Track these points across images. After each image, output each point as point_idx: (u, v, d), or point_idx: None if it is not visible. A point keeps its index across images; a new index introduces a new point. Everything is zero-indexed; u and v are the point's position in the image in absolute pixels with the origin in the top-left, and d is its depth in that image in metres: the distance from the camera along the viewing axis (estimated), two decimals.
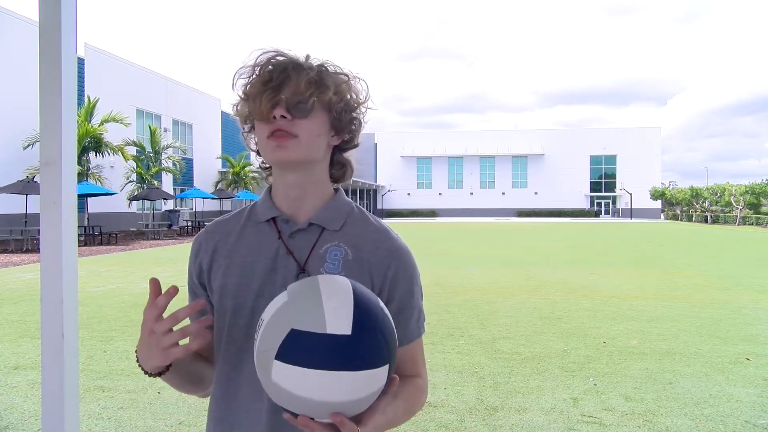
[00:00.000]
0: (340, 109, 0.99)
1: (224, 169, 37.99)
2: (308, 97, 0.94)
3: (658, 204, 58.89)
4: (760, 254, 16.44)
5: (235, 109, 1.02)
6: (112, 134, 23.91)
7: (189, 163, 33.95)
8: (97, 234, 20.96)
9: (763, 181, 44.41)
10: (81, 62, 25.52)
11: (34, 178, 18.89)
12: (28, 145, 21.59)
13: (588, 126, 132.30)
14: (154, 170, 27.32)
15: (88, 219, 22.01)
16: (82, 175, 22.30)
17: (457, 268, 12.27)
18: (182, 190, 33.50)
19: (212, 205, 35.55)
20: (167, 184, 31.98)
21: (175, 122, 34.79)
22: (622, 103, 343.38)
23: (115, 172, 26.55)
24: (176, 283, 0.89)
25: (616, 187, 60.72)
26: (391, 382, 0.82)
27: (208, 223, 1.13)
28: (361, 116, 1.04)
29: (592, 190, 61.72)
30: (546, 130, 64.60)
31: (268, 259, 1.01)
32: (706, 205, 48.40)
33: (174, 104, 34.32)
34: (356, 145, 1.08)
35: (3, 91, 21.82)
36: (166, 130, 32.69)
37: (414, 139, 65.29)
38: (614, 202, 61.35)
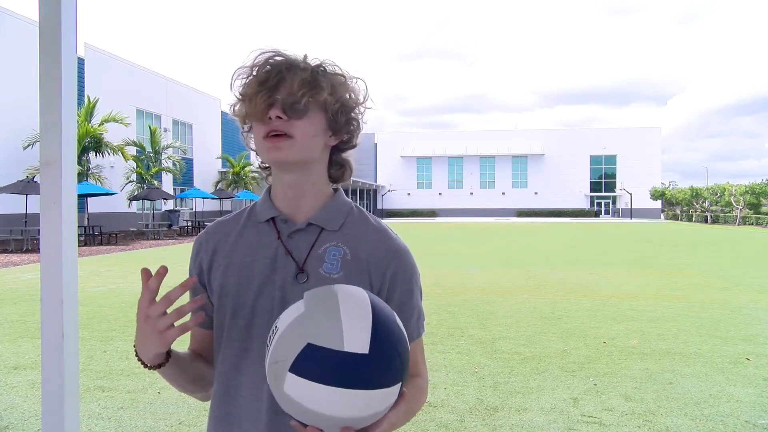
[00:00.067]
0: (336, 110, 0.99)
1: (224, 169, 38.00)
2: (301, 97, 0.94)
3: (658, 204, 58.89)
4: (760, 254, 16.44)
5: (233, 109, 1.02)
6: (112, 134, 23.91)
7: (189, 163, 33.95)
8: (97, 234, 20.96)
9: (763, 181, 44.47)
10: (81, 62, 25.53)
11: (34, 178, 18.89)
12: (28, 145, 21.59)
13: (588, 126, 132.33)
14: (154, 170, 27.33)
15: (88, 219, 22.01)
16: (82, 175, 22.30)
17: (457, 268, 12.27)
18: (182, 190, 33.50)
19: (212, 205, 35.55)
20: (167, 184, 31.98)
21: (175, 122, 34.79)
22: (622, 103, 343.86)
23: (115, 172, 26.55)
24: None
25: (616, 187, 60.72)
26: (401, 396, 0.82)
27: (209, 224, 1.13)
28: (360, 117, 1.04)
29: (592, 190, 61.72)
30: (546, 130, 64.60)
31: (267, 259, 1.02)
32: (706, 205, 48.41)
33: (174, 104, 34.32)
34: (354, 146, 1.07)
35: (3, 91, 21.83)
36: (166, 130, 32.69)
37: (414, 139, 65.28)
38: (614, 202, 61.35)
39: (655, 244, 20.87)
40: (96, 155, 23.44)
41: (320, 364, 0.75)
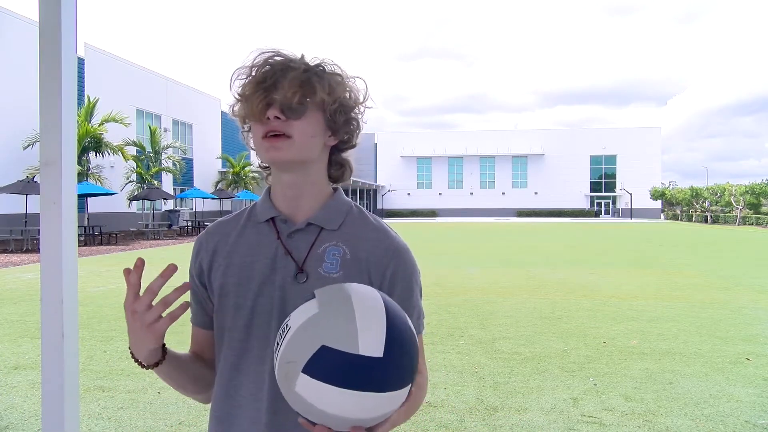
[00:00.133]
0: (334, 110, 0.98)
1: (224, 169, 38.00)
2: (296, 97, 0.94)
3: (658, 204, 58.89)
4: (760, 254, 16.44)
5: (233, 109, 1.02)
6: (112, 134, 23.90)
7: (189, 163, 33.95)
8: (97, 234, 20.95)
9: (763, 181, 44.45)
10: (81, 62, 25.52)
11: (34, 178, 18.89)
12: (28, 145, 21.59)
13: (588, 126, 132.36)
14: (154, 170, 27.33)
15: (88, 219, 22.01)
16: (82, 175, 22.30)
17: (457, 268, 12.27)
18: (182, 190, 33.50)
19: (212, 205, 35.54)
20: (167, 184, 31.98)
21: (175, 122, 34.79)
22: (622, 103, 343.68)
23: (115, 172, 26.55)
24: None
25: (616, 187, 60.72)
26: (408, 395, 0.83)
27: (210, 224, 1.13)
28: (359, 116, 1.04)
29: (592, 190, 61.72)
30: (546, 130, 64.60)
31: (267, 259, 1.02)
32: (706, 205, 48.41)
33: (174, 104, 34.32)
34: (354, 146, 1.07)
35: (3, 91, 21.83)
36: (166, 130, 32.69)
37: (414, 139, 65.28)
38: (614, 202, 61.35)
39: (655, 244, 20.87)
40: (96, 155, 23.44)
41: (334, 367, 0.75)
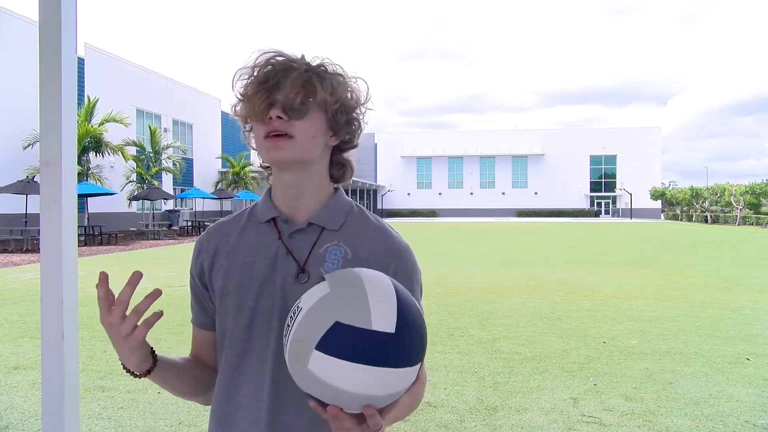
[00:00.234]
0: (336, 110, 0.99)
1: (224, 169, 38.00)
2: (299, 97, 0.94)
3: (658, 204, 58.89)
4: (760, 254, 16.44)
5: (234, 109, 1.02)
6: (112, 134, 23.91)
7: (189, 163, 33.95)
8: (97, 234, 20.96)
9: (763, 181, 44.46)
10: (81, 62, 25.53)
11: (34, 178, 18.89)
12: (28, 145, 21.59)
13: (588, 126, 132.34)
14: (154, 170, 27.33)
15: (88, 219, 22.01)
16: (82, 175, 22.30)
17: (457, 268, 12.27)
18: (182, 190, 33.50)
19: (212, 205, 35.55)
20: (167, 184, 31.98)
21: (175, 122, 34.79)
22: (622, 103, 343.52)
23: (115, 172, 26.55)
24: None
25: (616, 187, 60.72)
26: (417, 378, 0.85)
27: (210, 225, 1.13)
28: (361, 117, 1.04)
29: (592, 190, 61.72)
30: (546, 130, 64.61)
31: (268, 259, 1.02)
32: (706, 205, 48.41)
33: (174, 104, 34.32)
34: (355, 146, 1.07)
35: (3, 91, 21.83)
36: (166, 130, 32.69)
37: (414, 139, 65.28)
38: (614, 202, 61.35)
39: (655, 244, 20.87)
40: (96, 155, 23.44)
41: (348, 342, 0.76)
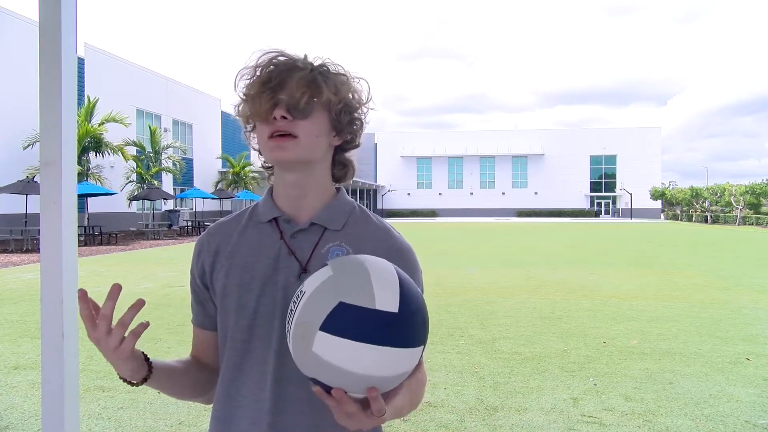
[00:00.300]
0: (339, 110, 0.99)
1: (224, 169, 38.00)
2: (305, 97, 0.94)
3: (658, 204, 58.90)
4: (760, 254, 16.44)
5: (237, 109, 1.02)
6: (112, 134, 23.91)
7: (189, 163, 33.95)
8: (97, 234, 20.96)
9: (763, 181, 44.48)
10: (81, 62, 25.53)
11: (34, 178, 18.89)
12: (28, 145, 21.59)
13: (588, 126, 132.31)
14: (154, 170, 27.33)
15: (88, 219, 22.01)
16: (82, 175, 22.30)
17: (457, 268, 12.27)
18: (182, 190, 33.50)
19: (212, 205, 35.55)
20: (167, 184, 31.98)
21: (175, 122, 34.79)
22: (622, 103, 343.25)
23: (115, 172, 26.55)
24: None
25: (616, 187, 60.73)
26: (419, 364, 0.85)
27: (211, 225, 1.13)
28: (363, 117, 1.04)
29: (592, 190, 61.72)
30: (546, 130, 64.62)
31: (270, 259, 1.01)
32: (706, 205, 48.41)
33: (174, 104, 34.32)
34: (357, 146, 1.08)
35: (3, 91, 21.83)
36: (166, 130, 32.69)
37: (414, 139, 65.29)
38: (614, 202, 61.35)
39: (655, 244, 20.87)
40: (96, 155, 23.45)
41: (352, 321, 0.77)
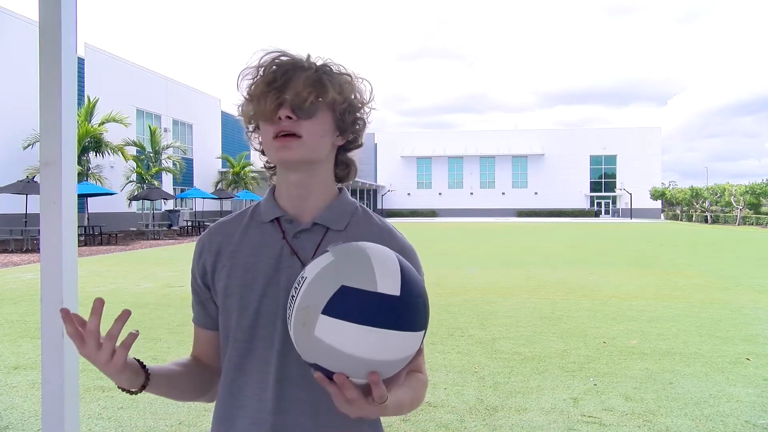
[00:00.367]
0: (344, 110, 0.99)
1: (224, 169, 38.00)
2: (311, 97, 0.94)
3: (658, 204, 58.88)
4: (760, 254, 16.43)
5: (240, 109, 1.02)
6: (112, 134, 23.91)
7: (189, 163, 33.95)
8: (97, 234, 20.95)
9: (763, 181, 44.46)
10: (81, 62, 25.52)
11: (34, 178, 18.89)
12: (28, 145, 21.59)
13: (588, 126, 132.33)
14: (154, 170, 27.33)
15: (88, 219, 22.01)
16: (82, 175, 22.30)
17: (457, 268, 12.26)
18: (182, 190, 33.50)
19: (212, 205, 35.55)
20: (167, 184, 31.98)
21: (175, 122, 34.79)
22: (622, 103, 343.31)
23: (115, 172, 26.55)
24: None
25: (616, 187, 60.72)
26: (419, 351, 0.85)
27: (211, 225, 1.12)
28: (365, 116, 1.04)
29: (592, 190, 61.71)
30: (546, 130, 64.60)
31: (272, 259, 1.01)
32: (706, 205, 48.40)
33: (174, 104, 34.32)
34: (360, 145, 1.08)
35: (3, 91, 21.82)
36: (166, 130, 32.69)
37: (414, 139, 65.28)
38: (614, 202, 61.34)
39: (655, 244, 20.87)
40: (96, 155, 23.44)
41: (354, 304, 0.77)
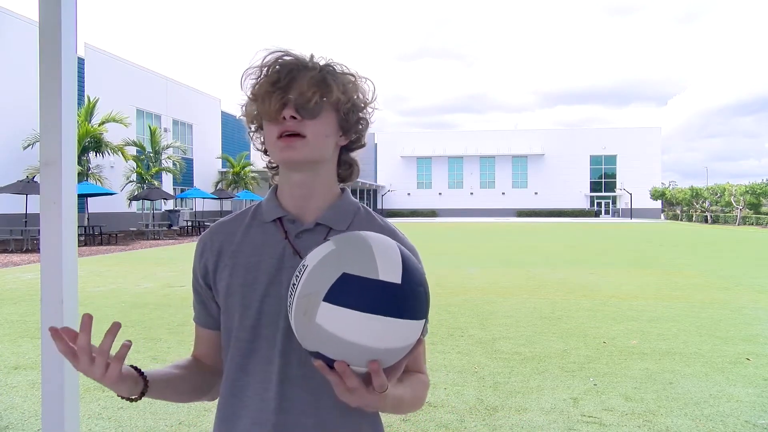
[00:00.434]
0: (348, 110, 0.99)
1: (224, 169, 38.00)
2: (315, 97, 0.94)
3: (658, 204, 58.88)
4: (760, 254, 16.43)
5: (243, 109, 1.02)
6: (112, 134, 23.91)
7: (189, 163, 33.95)
8: (97, 234, 20.95)
9: (763, 181, 44.45)
10: (81, 62, 25.52)
11: (34, 178, 18.89)
12: (28, 145, 21.58)
13: (588, 126, 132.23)
14: (154, 170, 27.33)
15: (88, 219, 22.01)
16: (82, 175, 22.29)
17: (457, 268, 12.26)
18: (182, 190, 33.50)
19: (212, 205, 35.55)
20: (167, 184, 31.97)
21: (175, 122, 34.79)
22: (622, 103, 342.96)
23: (115, 172, 26.55)
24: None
25: (616, 187, 60.71)
26: (419, 341, 0.85)
27: (212, 224, 1.12)
28: (368, 116, 1.04)
29: (592, 190, 61.71)
30: (546, 130, 64.60)
31: (274, 259, 1.01)
32: (706, 205, 48.40)
33: (174, 104, 34.32)
34: (363, 145, 1.08)
35: (3, 91, 21.82)
36: (166, 130, 32.69)
37: (414, 139, 65.28)
38: (614, 202, 61.34)
39: (655, 244, 20.87)
40: (96, 155, 23.44)
41: (356, 292, 0.77)
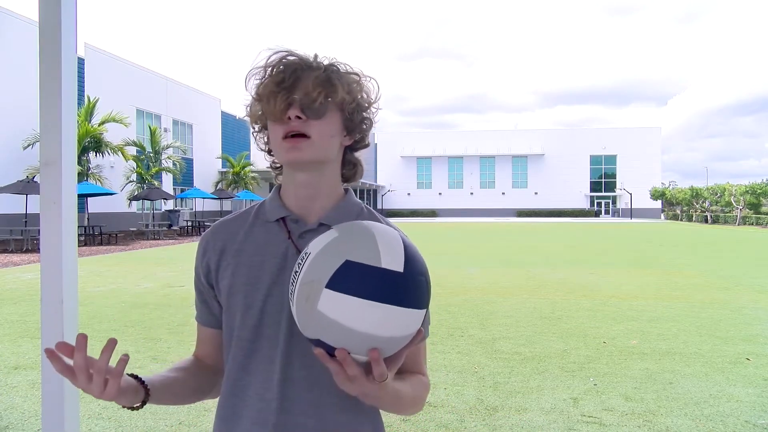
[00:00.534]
0: (352, 110, 0.99)
1: (224, 169, 37.99)
2: (320, 97, 0.94)
3: (658, 204, 58.87)
4: (760, 254, 16.43)
5: (248, 109, 1.02)
6: (112, 134, 23.90)
7: (189, 163, 33.94)
8: (97, 234, 20.95)
9: (763, 181, 44.44)
10: (81, 62, 25.52)
11: (34, 178, 18.89)
12: (28, 145, 21.58)
13: (588, 126, 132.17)
14: (154, 170, 27.33)
15: (88, 219, 22.01)
16: (82, 175, 22.29)
17: (457, 268, 12.26)
18: (182, 190, 33.50)
19: (212, 205, 35.55)
20: (167, 184, 31.97)
21: (175, 122, 34.78)
22: (622, 103, 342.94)
23: (115, 172, 26.55)
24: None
25: (616, 187, 60.71)
26: (417, 334, 0.85)
27: (214, 224, 1.11)
28: (372, 116, 1.04)
29: (592, 190, 61.71)
30: (546, 130, 64.60)
31: (277, 258, 1.01)
32: (706, 205, 48.40)
33: (174, 104, 34.31)
34: (367, 145, 1.08)
35: (3, 91, 21.82)
36: (166, 130, 32.69)
37: (414, 139, 65.27)
38: (614, 202, 61.34)
39: (655, 244, 20.86)
40: (96, 155, 23.44)
41: (358, 279, 0.78)
